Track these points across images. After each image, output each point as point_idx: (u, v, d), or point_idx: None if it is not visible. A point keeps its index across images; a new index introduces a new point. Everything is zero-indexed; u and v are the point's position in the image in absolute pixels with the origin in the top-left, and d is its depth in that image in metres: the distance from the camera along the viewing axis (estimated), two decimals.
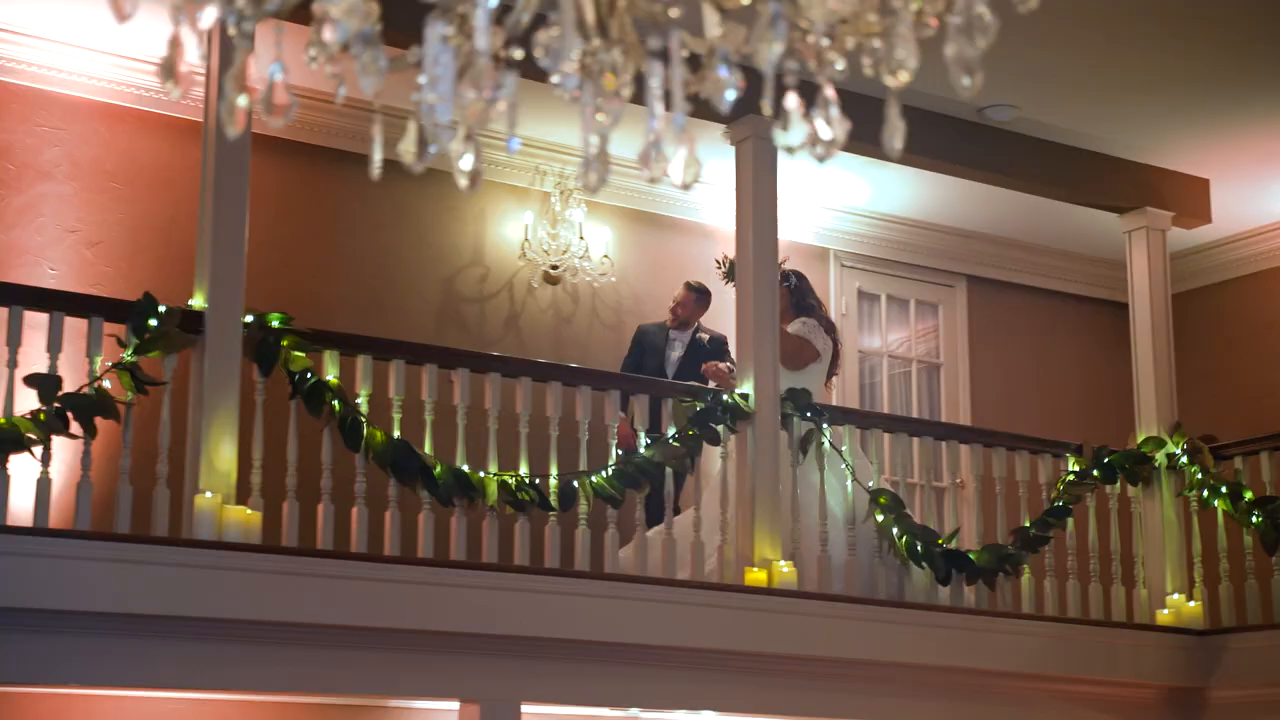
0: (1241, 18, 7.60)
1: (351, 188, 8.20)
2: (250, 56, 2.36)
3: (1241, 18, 7.60)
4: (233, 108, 2.31)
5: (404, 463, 6.86)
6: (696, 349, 8.70)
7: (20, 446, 6.10)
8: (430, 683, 6.61)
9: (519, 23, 2.29)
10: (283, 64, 2.33)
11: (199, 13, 2.18)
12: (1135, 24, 7.67)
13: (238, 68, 2.28)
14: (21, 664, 5.86)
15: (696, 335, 8.80)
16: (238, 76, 2.29)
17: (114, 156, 7.97)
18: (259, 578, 6.19)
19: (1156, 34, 7.75)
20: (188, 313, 6.56)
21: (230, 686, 6.38)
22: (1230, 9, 7.54)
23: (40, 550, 5.84)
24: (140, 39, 7.45)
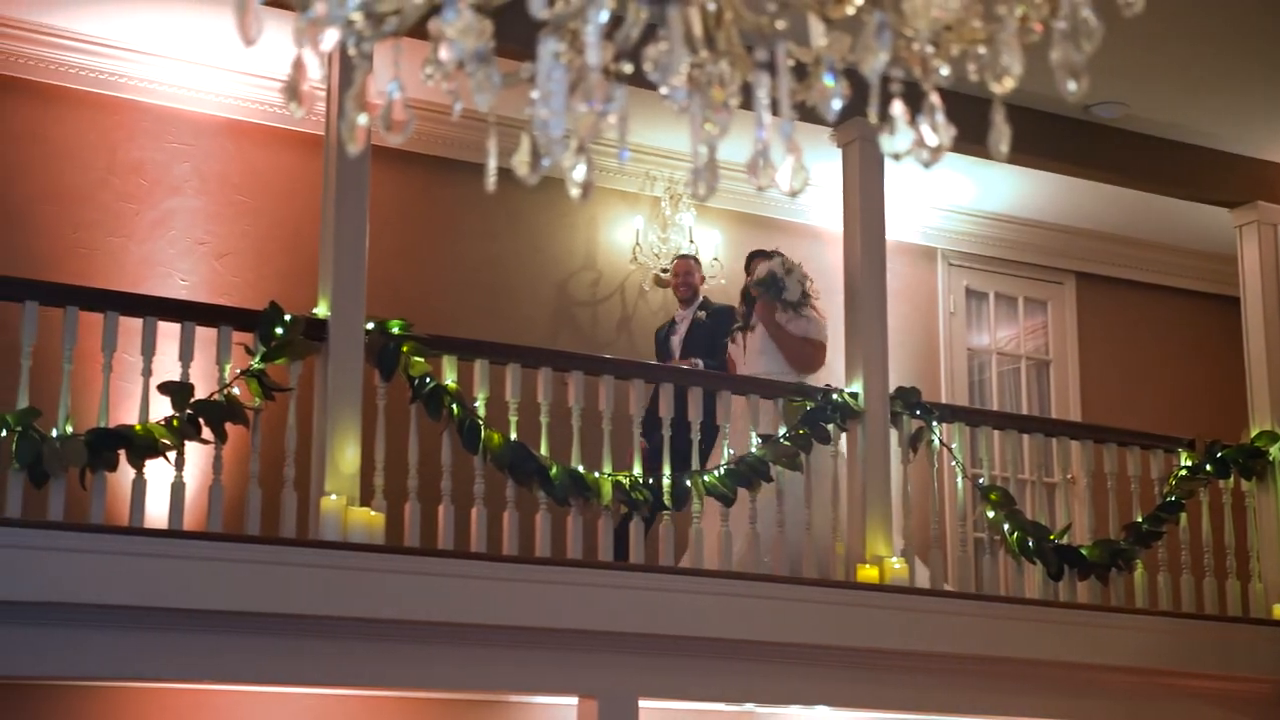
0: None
1: (467, 196, 8.27)
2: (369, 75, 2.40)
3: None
4: (353, 126, 2.34)
5: (521, 464, 6.90)
6: (695, 329, 8.45)
7: (156, 452, 6.21)
8: (549, 678, 6.64)
9: (628, 37, 2.31)
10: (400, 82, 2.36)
11: (321, 35, 2.22)
12: (1243, 18, 7.54)
13: (358, 87, 2.31)
14: (155, 660, 5.95)
15: (696, 313, 8.52)
16: (358, 96, 2.32)
17: (240, 171, 8.09)
18: (382, 577, 6.25)
19: (1266, 27, 7.61)
20: (312, 321, 6.64)
21: (355, 683, 6.45)
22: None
23: (175, 551, 5.93)
24: (263, 57, 7.55)
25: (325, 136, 6.97)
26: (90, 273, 7.51)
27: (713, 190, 2.34)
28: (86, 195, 7.73)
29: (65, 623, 5.77)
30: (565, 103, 2.24)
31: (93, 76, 7.75)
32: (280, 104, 7.86)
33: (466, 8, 2.20)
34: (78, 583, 5.73)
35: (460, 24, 2.19)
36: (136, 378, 6.45)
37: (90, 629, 5.81)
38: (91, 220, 7.72)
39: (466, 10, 2.22)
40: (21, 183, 7.60)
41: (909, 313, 9.65)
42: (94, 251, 7.67)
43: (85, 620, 5.79)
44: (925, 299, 9.92)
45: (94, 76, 7.75)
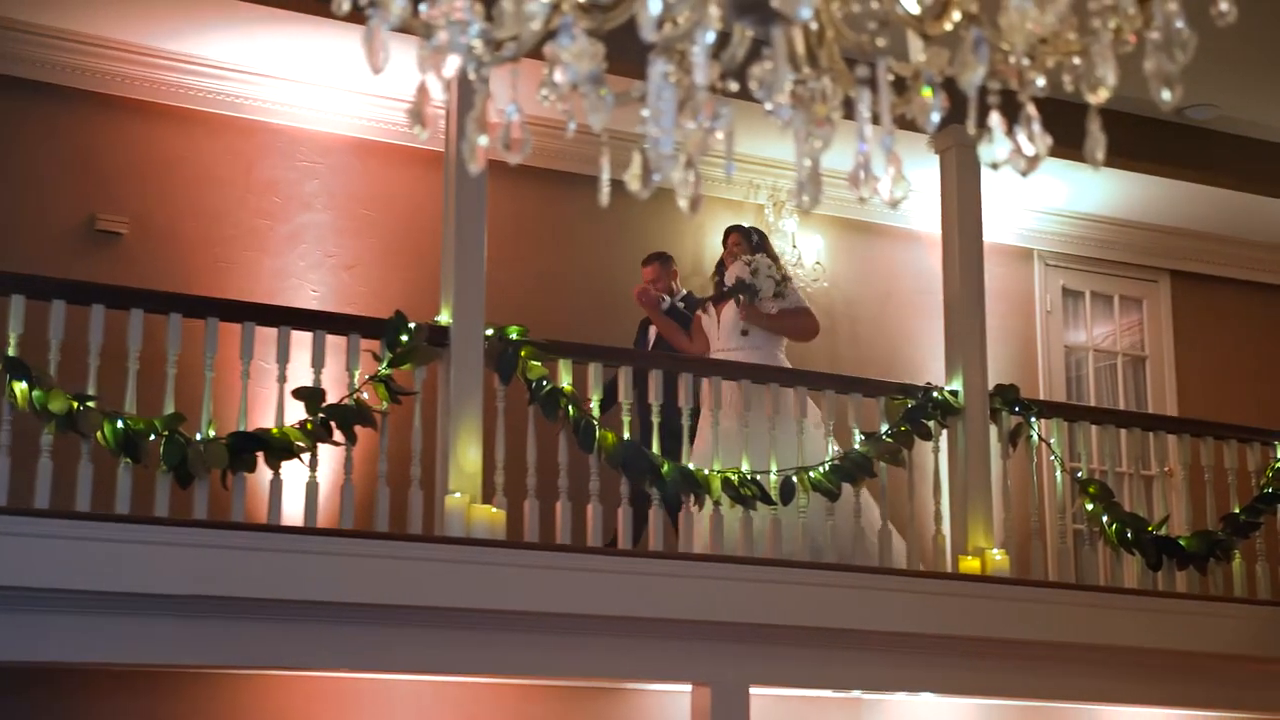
0: None
1: (579, 207, 8.29)
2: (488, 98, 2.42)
3: None
4: (474, 146, 2.36)
5: (634, 462, 6.91)
6: (670, 317, 8.14)
7: (291, 454, 6.29)
8: (664, 666, 6.64)
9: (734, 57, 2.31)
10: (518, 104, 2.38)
11: (443, 62, 2.24)
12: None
13: (478, 110, 2.33)
14: (292, 649, 6.03)
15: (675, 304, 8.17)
16: (478, 118, 2.35)
17: (366, 187, 8.17)
18: (504, 571, 6.28)
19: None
20: (435, 328, 6.70)
21: (479, 670, 6.48)
22: None
23: (309, 547, 6.01)
24: (387, 79, 7.60)
25: (445, 154, 7.03)
26: (228, 285, 7.63)
27: (817, 201, 2.33)
28: (225, 213, 7.85)
29: (211, 614, 5.86)
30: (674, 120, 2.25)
31: (229, 101, 7.87)
32: (403, 124, 7.94)
33: (580, 32, 2.22)
34: (220, 577, 5.81)
35: (575, 48, 2.20)
36: (272, 384, 6.54)
37: (233, 620, 5.90)
38: (229, 236, 7.84)
39: (580, 34, 2.23)
40: (167, 203, 7.74)
41: (1006, 312, 9.55)
42: (232, 265, 7.79)
43: (229, 612, 5.87)
44: (1022, 299, 9.81)
45: (230, 101, 7.88)
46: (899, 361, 9.20)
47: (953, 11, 2.26)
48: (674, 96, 2.24)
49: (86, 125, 7.62)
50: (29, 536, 5.56)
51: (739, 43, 2.31)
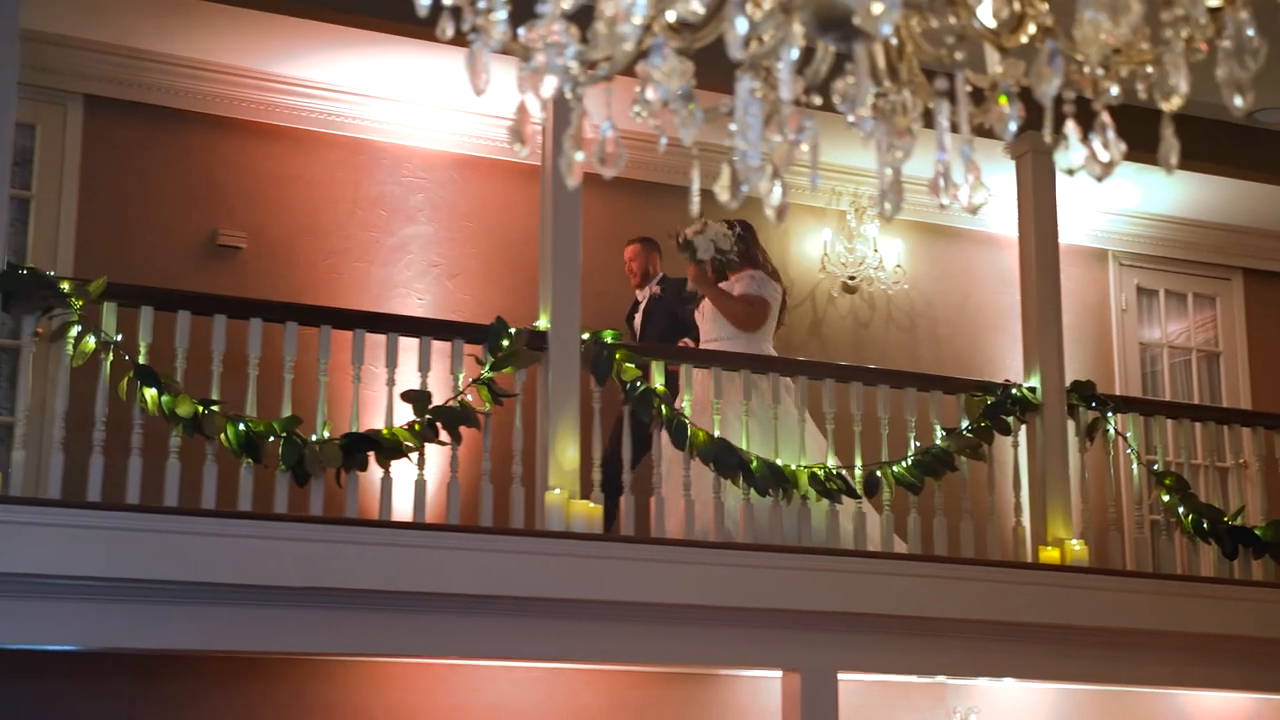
0: None
1: (669, 216, 8.27)
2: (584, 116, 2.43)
3: None
4: (571, 162, 2.38)
5: (724, 458, 6.90)
6: (652, 303, 7.90)
7: (400, 453, 6.35)
8: (755, 653, 6.63)
9: (818, 72, 2.30)
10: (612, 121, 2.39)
11: (541, 83, 2.25)
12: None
13: (574, 128, 2.35)
14: (402, 638, 6.08)
15: (652, 289, 7.92)
16: (574, 136, 2.36)
17: (467, 199, 8.23)
18: (601, 563, 6.30)
19: None
20: (534, 333, 6.73)
21: (577, 658, 6.50)
22: None
23: (418, 541, 6.06)
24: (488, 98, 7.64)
25: (542, 167, 7.06)
26: (340, 295, 7.71)
27: (898, 209, 2.32)
28: (335, 227, 7.93)
29: (326, 605, 5.92)
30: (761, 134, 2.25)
31: (338, 121, 7.95)
32: (502, 139, 7.98)
33: (671, 52, 2.22)
34: (335, 569, 5.88)
35: (666, 67, 2.21)
36: (382, 387, 6.61)
37: (346, 610, 5.95)
38: (340, 249, 7.92)
39: (671, 54, 2.24)
40: (281, 218, 7.83)
41: (1082, 311, 9.44)
42: (342, 276, 7.87)
43: (344, 602, 5.93)
44: (1098, 298, 9.69)
45: (339, 121, 7.95)
46: (978, 360, 9.12)
47: (1028, 25, 2.25)
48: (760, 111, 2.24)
49: (208, 147, 7.73)
50: (161, 533, 5.65)
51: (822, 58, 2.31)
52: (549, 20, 2.24)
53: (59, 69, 7.33)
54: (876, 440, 7.26)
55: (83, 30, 7.23)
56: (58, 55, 7.28)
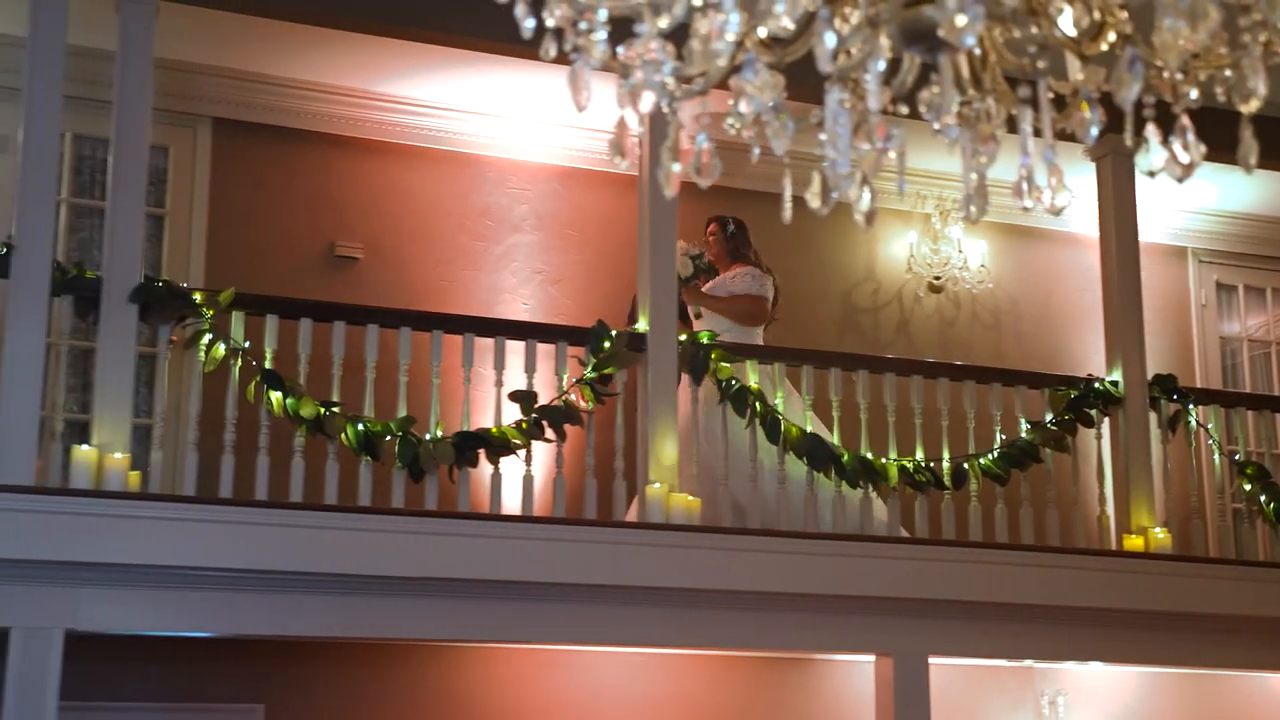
0: None
1: (761, 221, 8.24)
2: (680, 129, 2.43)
3: None
4: (668, 173, 2.38)
5: (816, 452, 6.87)
6: None
7: (508, 450, 6.38)
8: (849, 639, 6.59)
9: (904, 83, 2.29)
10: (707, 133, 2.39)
11: (639, 98, 2.26)
12: None
13: (671, 141, 2.35)
14: (508, 625, 6.10)
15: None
16: (671, 148, 2.36)
17: (569, 209, 8.26)
18: (701, 553, 6.29)
19: None
20: (634, 335, 6.74)
21: (679, 643, 6.49)
22: None
23: (527, 534, 6.09)
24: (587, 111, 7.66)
25: (640, 177, 7.06)
26: (450, 301, 7.77)
27: (984, 213, 2.31)
28: (445, 237, 8.00)
29: (439, 594, 5.96)
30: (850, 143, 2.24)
31: (446, 137, 8.02)
32: (600, 151, 8.01)
33: (762, 66, 2.22)
34: (449, 561, 5.92)
35: (758, 81, 2.21)
36: (490, 388, 6.65)
37: (459, 599, 5.99)
38: (449, 257, 7.98)
39: (762, 68, 2.24)
40: (395, 229, 7.91)
41: (1163, 307, 9.28)
42: (452, 284, 7.93)
43: (455, 592, 5.97)
44: (1178, 293, 9.53)
45: (447, 137, 8.02)
46: (1060, 355, 9.00)
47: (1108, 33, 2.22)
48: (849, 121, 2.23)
49: (326, 164, 7.83)
50: (287, 527, 5.73)
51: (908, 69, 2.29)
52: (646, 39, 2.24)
53: (189, 94, 7.46)
54: (963, 434, 7.19)
55: (210, 57, 7.35)
56: (188, 81, 7.41)
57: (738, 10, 2.09)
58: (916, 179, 8.68)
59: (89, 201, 7.28)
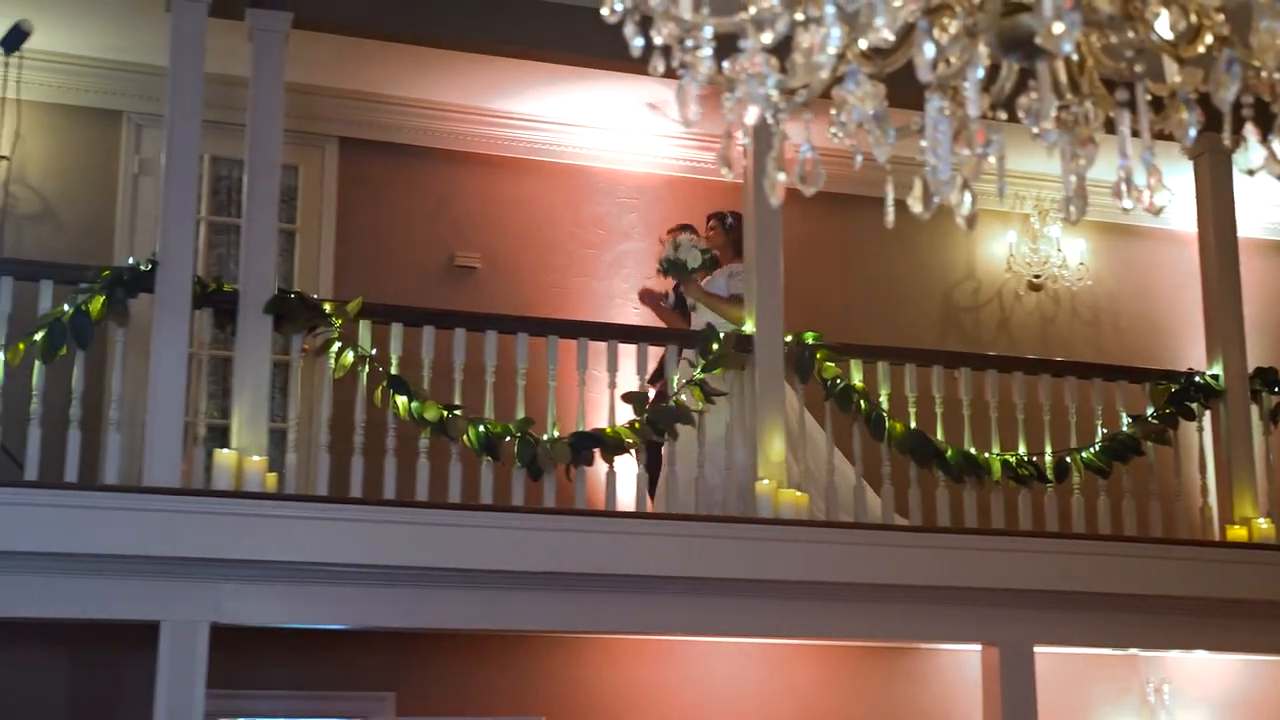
0: None
1: (862, 224, 8.21)
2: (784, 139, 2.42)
3: None
4: (774, 182, 2.38)
5: (921, 448, 6.81)
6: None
7: (622, 449, 6.38)
8: (956, 629, 6.52)
9: (1003, 89, 2.26)
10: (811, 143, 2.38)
11: (745, 111, 2.26)
12: None
13: (776, 151, 2.35)
14: (625, 616, 6.13)
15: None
16: (776, 158, 2.36)
17: (674, 217, 8.23)
18: (809, 546, 6.27)
19: None
20: (741, 337, 6.72)
21: (788, 633, 6.45)
22: None
23: (640, 529, 6.10)
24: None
25: (745, 184, 7.04)
26: (564, 307, 7.81)
27: (1083, 213, 2.27)
28: (558, 246, 8.04)
29: (558, 587, 5.99)
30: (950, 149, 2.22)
31: (557, 150, 8.06)
32: (704, 160, 8.01)
33: (864, 77, 2.21)
34: (567, 555, 5.95)
35: (859, 91, 2.19)
36: (604, 390, 6.67)
37: (577, 591, 6.02)
38: (563, 265, 8.03)
39: (864, 79, 2.23)
40: (511, 239, 7.97)
41: (1262, 301, 9.05)
42: (566, 290, 7.97)
43: (573, 585, 6.00)
44: (1277, 287, 9.29)
45: (558, 150, 8.06)
46: (1161, 350, 8.82)
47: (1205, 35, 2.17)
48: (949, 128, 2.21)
49: (445, 179, 7.91)
50: (414, 524, 5.80)
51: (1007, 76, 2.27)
52: (751, 54, 2.24)
53: (316, 116, 7.59)
54: (1065, 429, 7.08)
55: (335, 80, 7.47)
56: (315, 104, 7.54)
57: (839, 24, 2.08)
58: (1015, 180, 8.56)
59: (226, 219, 7.44)
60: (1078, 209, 2.29)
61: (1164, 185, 2.26)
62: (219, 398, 6.96)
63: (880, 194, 2.41)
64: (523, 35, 6.82)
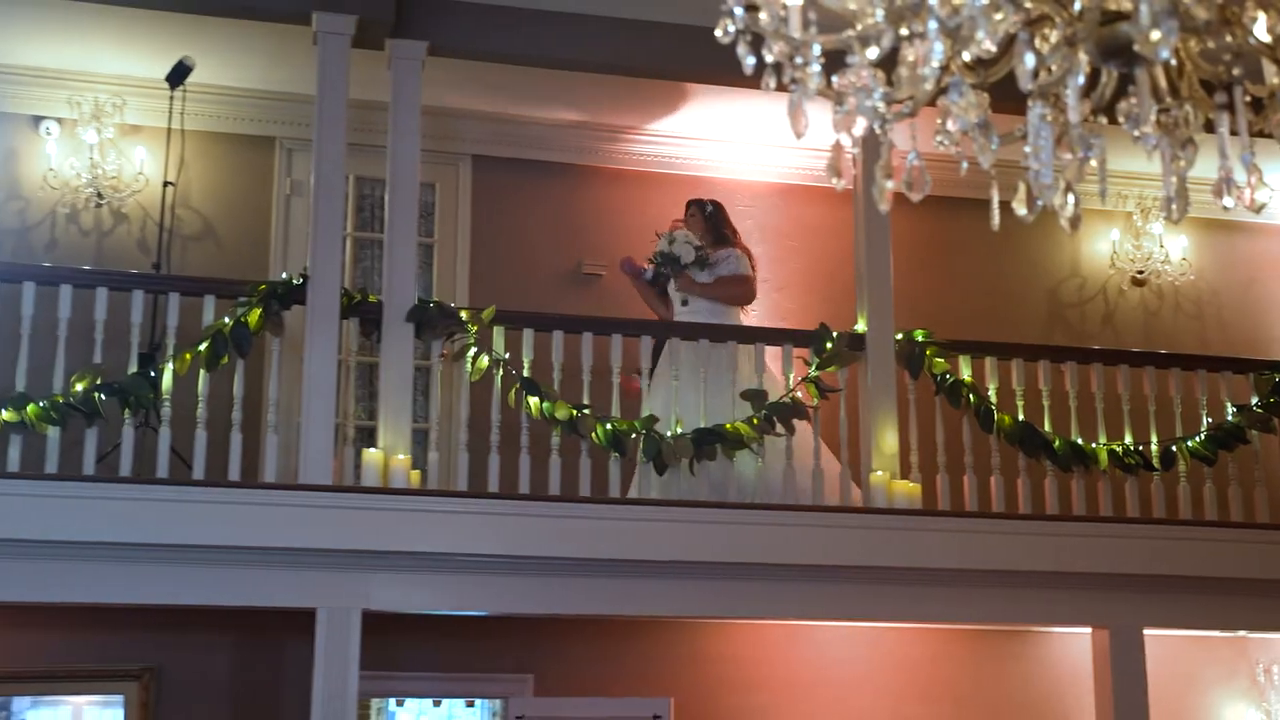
0: None
1: (968, 225, 8.09)
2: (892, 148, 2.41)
3: None
4: (882, 190, 2.37)
5: (1029, 439, 6.70)
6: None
7: (742, 444, 6.37)
8: (1066, 612, 6.41)
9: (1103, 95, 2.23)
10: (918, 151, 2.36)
11: (853, 123, 2.25)
12: None
13: (884, 160, 2.33)
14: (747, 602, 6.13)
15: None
16: (884, 166, 2.35)
17: (789, 222, 8.23)
18: (922, 535, 6.21)
19: None
20: (853, 335, 6.68)
21: (901, 618, 6.41)
22: None
23: (762, 520, 6.08)
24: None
25: (854, 191, 7.00)
26: None
27: (1185, 213, 2.22)
28: None
29: (684, 575, 6.01)
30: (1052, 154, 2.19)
31: (678, 162, 8.06)
32: (815, 168, 7.96)
33: (967, 87, 2.19)
34: (692, 545, 5.96)
35: (963, 101, 2.17)
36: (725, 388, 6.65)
37: (702, 579, 6.03)
38: None
39: (967, 89, 2.20)
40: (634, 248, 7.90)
41: None
42: None
43: (698, 573, 6.01)
44: None
45: (679, 162, 8.06)
46: (1264, 341, 8.57)
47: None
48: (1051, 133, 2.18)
49: (571, 191, 7.96)
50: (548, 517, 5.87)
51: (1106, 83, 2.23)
52: (858, 68, 2.23)
53: (451, 135, 7.70)
54: (1170, 419, 6.91)
55: (468, 102, 7.57)
56: (450, 125, 7.65)
57: (942, 38, 2.06)
58: (1117, 180, 8.37)
59: (369, 235, 7.58)
60: (1179, 209, 2.24)
61: (1264, 183, 2.21)
62: (365, 401, 7.10)
63: (985, 196, 2.38)
64: (642, 56, 6.84)
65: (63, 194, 7.20)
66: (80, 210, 7.24)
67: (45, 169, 7.19)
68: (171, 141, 7.07)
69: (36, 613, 6.10)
